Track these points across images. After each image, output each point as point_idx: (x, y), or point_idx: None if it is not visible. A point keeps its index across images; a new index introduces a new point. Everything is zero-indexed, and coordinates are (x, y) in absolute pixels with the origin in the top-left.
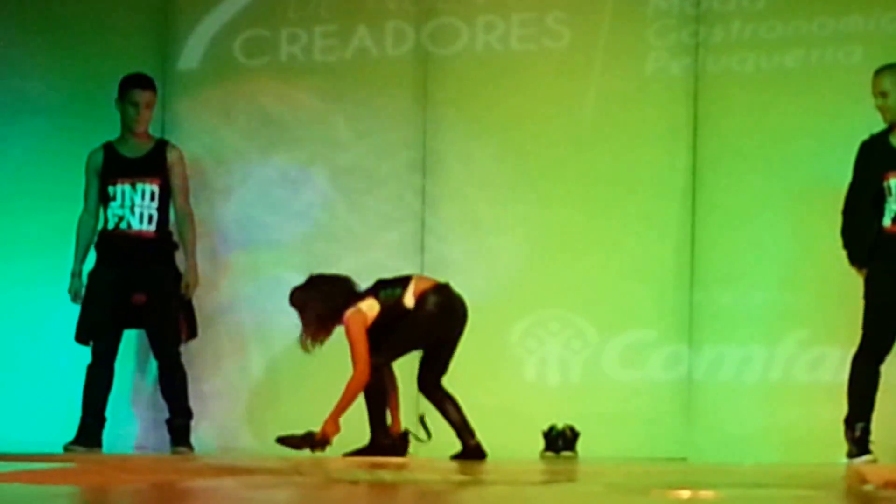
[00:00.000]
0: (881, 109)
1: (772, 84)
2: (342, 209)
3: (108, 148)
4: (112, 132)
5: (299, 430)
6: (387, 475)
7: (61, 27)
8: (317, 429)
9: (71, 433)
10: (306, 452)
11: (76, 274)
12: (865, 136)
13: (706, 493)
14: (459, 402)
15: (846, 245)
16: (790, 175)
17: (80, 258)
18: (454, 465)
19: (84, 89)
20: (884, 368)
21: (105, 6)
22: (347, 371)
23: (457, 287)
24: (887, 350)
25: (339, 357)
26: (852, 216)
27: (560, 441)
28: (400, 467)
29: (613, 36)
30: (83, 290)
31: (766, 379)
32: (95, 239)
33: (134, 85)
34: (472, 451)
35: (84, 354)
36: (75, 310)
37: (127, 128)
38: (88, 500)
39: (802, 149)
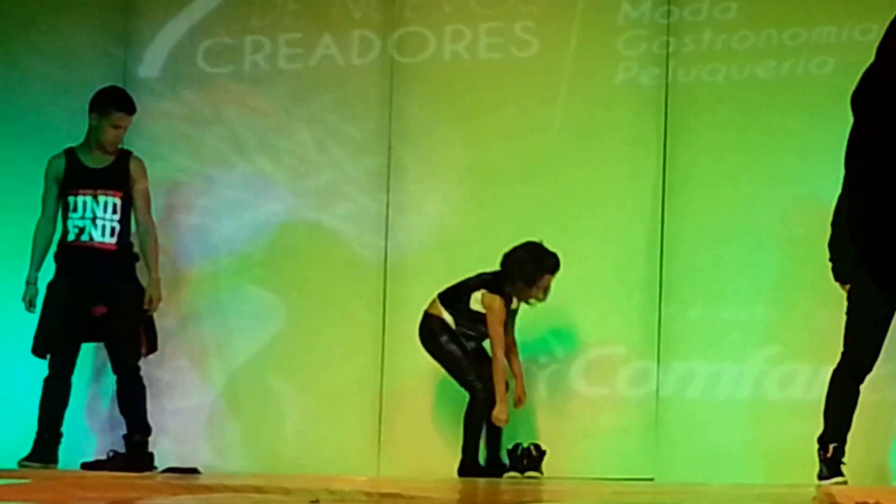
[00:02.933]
0: None
1: (743, 95)
2: (303, 219)
3: (71, 155)
4: (71, 139)
5: (259, 446)
6: (346, 493)
7: (20, 32)
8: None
9: (26, 448)
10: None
11: (31, 281)
12: (838, 148)
13: None
14: None
15: (832, 259)
16: (761, 188)
17: (37, 265)
18: (423, 484)
19: (43, 95)
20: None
21: (65, 13)
22: (309, 385)
23: (421, 294)
24: (868, 368)
25: (299, 372)
26: (839, 229)
27: (525, 460)
28: (358, 484)
29: (582, 45)
30: (38, 299)
31: (736, 396)
32: (54, 248)
33: (120, 108)
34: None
35: (41, 367)
36: (33, 321)
37: (97, 143)
38: None
39: (774, 161)
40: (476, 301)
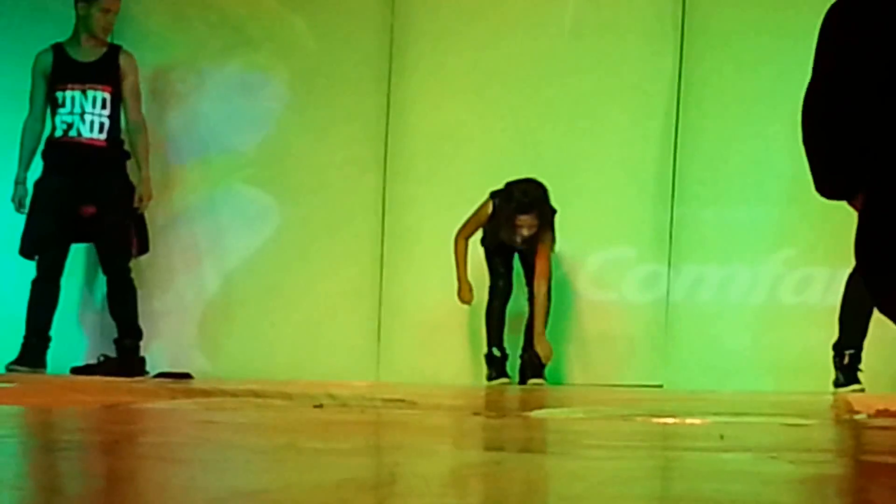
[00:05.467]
0: None
1: None
2: (301, 116)
3: (59, 50)
4: (59, 33)
5: (253, 351)
6: (348, 397)
7: None
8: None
9: (13, 352)
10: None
11: (20, 181)
12: None
13: (692, 421)
14: None
15: None
16: (782, 83)
17: (25, 165)
18: (426, 390)
19: None
20: None
21: None
22: (304, 288)
23: (421, 198)
24: None
25: (295, 274)
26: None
27: (527, 369)
28: (359, 389)
29: None
30: (27, 199)
31: (749, 301)
32: (42, 147)
33: None
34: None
35: (29, 269)
36: (20, 221)
37: (88, 32)
38: (36, 420)
39: (797, 54)
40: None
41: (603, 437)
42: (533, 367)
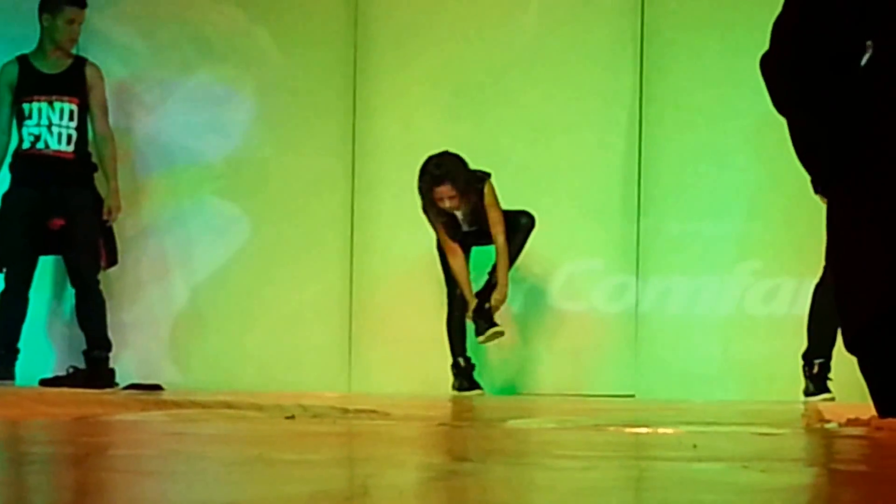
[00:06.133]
0: None
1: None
2: (267, 128)
3: (24, 62)
4: (24, 45)
5: (224, 363)
6: (320, 408)
7: None
8: None
9: None
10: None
11: None
12: None
13: (664, 431)
14: None
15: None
16: (743, 97)
17: None
18: (398, 400)
19: None
20: None
21: None
22: (274, 299)
23: (389, 212)
24: None
25: (265, 286)
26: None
27: (480, 318)
28: (331, 400)
29: None
30: None
31: (718, 312)
32: (9, 159)
33: (72, 2)
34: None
35: None
36: None
37: (53, 44)
38: (4, 433)
39: (751, 67)
40: None
41: (575, 448)
42: (485, 314)
